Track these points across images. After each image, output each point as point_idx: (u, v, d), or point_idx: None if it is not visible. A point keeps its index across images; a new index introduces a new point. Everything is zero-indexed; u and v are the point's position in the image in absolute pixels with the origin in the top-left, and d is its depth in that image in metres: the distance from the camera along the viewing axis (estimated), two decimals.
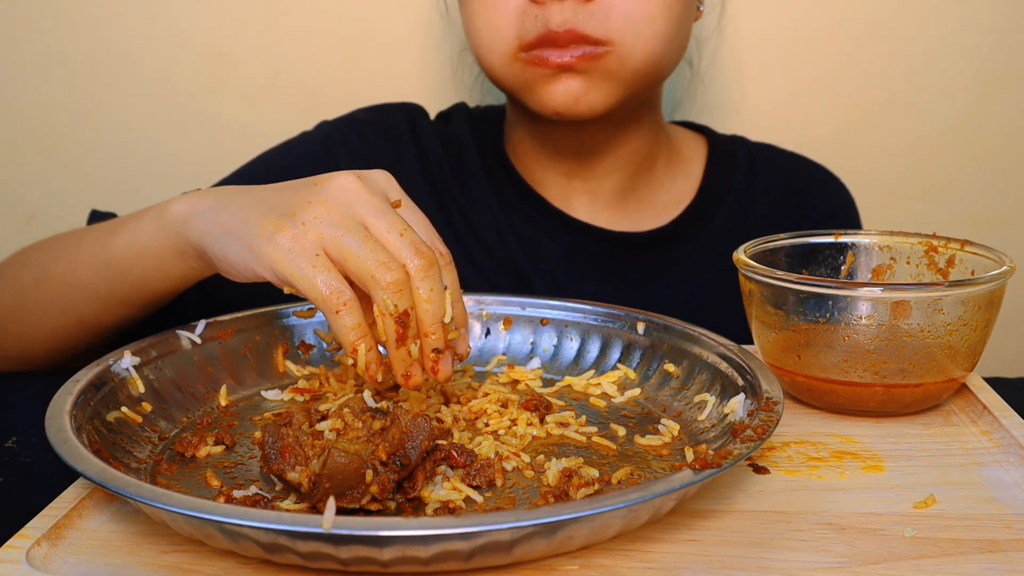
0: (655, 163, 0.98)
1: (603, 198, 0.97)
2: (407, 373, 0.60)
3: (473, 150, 0.99)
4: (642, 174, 0.97)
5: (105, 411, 0.60)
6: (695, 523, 0.53)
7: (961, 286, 0.65)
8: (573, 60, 0.81)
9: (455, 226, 0.96)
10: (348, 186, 0.61)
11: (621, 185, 0.97)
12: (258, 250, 0.59)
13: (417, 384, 0.61)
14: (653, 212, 0.98)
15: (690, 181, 1.00)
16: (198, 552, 0.50)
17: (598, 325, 0.74)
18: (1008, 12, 1.19)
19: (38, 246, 0.81)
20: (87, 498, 0.54)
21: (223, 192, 0.66)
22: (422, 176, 0.97)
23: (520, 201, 0.97)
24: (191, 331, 0.69)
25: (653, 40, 0.83)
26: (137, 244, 0.69)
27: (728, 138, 1.05)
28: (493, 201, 0.97)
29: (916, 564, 0.49)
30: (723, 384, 0.64)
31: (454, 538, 0.44)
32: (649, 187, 0.98)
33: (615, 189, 0.97)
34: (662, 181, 0.99)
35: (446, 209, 0.97)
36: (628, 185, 0.97)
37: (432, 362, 0.60)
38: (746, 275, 0.70)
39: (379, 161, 0.97)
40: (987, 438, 0.64)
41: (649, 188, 0.98)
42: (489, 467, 0.56)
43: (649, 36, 0.83)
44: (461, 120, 1.01)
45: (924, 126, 1.22)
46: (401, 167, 0.97)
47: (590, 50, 0.81)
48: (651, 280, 0.96)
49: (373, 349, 0.59)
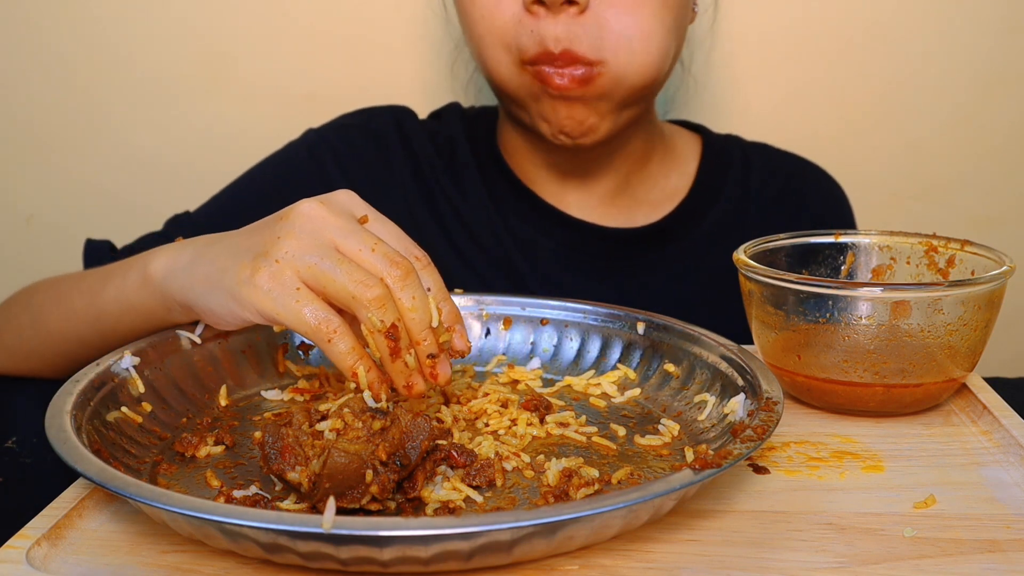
0: (650, 160, 0.98)
1: (597, 195, 0.97)
2: (408, 384, 0.60)
3: (466, 148, 0.98)
4: (637, 172, 0.97)
5: (105, 411, 0.60)
6: (695, 523, 0.53)
7: (961, 286, 0.65)
8: (569, 84, 0.81)
9: (448, 225, 0.96)
10: (312, 213, 0.60)
11: (616, 183, 0.97)
12: (240, 297, 0.60)
13: (420, 392, 0.61)
14: (647, 208, 0.98)
15: (684, 178, 1.00)
16: (198, 552, 0.50)
17: (598, 325, 0.74)
18: (1008, 12, 1.19)
19: (35, 289, 0.84)
20: (87, 498, 0.54)
21: (199, 244, 0.66)
22: (412, 177, 0.97)
23: (514, 199, 0.97)
24: (191, 331, 0.69)
25: (647, 56, 0.83)
26: (125, 300, 0.70)
27: (723, 137, 1.05)
28: (487, 199, 0.97)
29: (916, 564, 0.49)
30: (723, 384, 0.64)
31: (454, 538, 0.44)
32: (644, 184, 0.98)
33: (609, 187, 0.97)
34: (656, 178, 0.99)
35: (438, 209, 0.96)
36: (623, 182, 0.97)
37: (430, 367, 0.60)
38: (746, 275, 0.70)
39: (366, 165, 0.96)
40: (987, 438, 0.64)
41: (643, 185, 0.98)
42: (489, 467, 0.56)
43: (643, 52, 0.82)
44: (454, 119, 1.01)
45: (924, 126, 1.22)
46: (390, 169, 0.97)
47: (585, 71, 0.81)
48: (645, 276, 0.96)
49: (372, 368, 0.59)
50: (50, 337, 0.80)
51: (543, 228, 0.96)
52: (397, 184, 0.97)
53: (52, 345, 0.80)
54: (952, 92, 1.21)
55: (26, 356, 0.83)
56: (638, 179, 0.98)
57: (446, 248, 0.96)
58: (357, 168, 0.96)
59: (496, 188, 0.97)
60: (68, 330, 0.77)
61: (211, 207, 0.95)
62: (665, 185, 0.99)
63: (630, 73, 0.83)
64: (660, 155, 0.99)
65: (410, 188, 0.96)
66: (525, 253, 0.96)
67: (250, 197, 0.95)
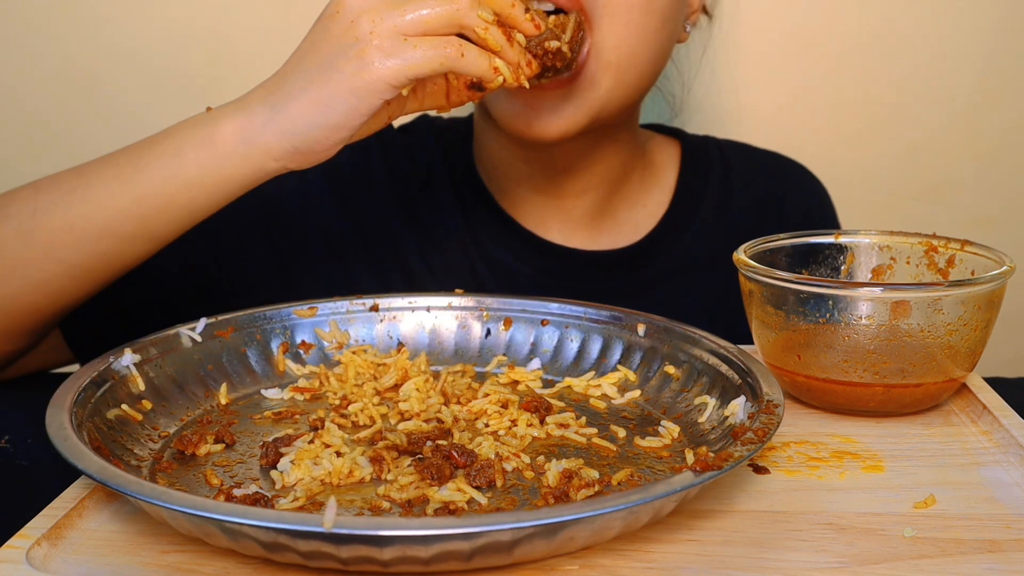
0: (630, 179, 0.96)
1: (577, 218, 0.94)
2: (528, 61, 0.68)
3: (443, 168, 0.95)
4: (617, 191, 0.95)
5: (105, 408, 0.60)
6: (695, 523, 0.53)
7: (961, 286, 0.65)
8: None
9: (422, 245, 0.93)
10: None
11: (597, 204, 0.94)
12: (365, 84, 0.62)
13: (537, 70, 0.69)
14: (629, 229, 0.96)
15: (664, 192, 0.98)
16: (198, 552, 0.50)
17: (598, 326, 0.74)
18: (1008, 12, 1.19)
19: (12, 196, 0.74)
20: (87, 498, 0.54)
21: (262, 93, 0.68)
22: (391, 193, 0.94)
23: (490, 224, 0.94)
24: (192, 329, 0.69)
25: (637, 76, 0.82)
26: (185, 175, 0.68)
27: (700, 140, 1.02)
28: (462, 223, 0.94)
29: (916, 564, 0.49)
30: (723, 386, 0.64)
31: (455, 538, 0.44)
32: (624, 202, 0.96)
33: (590, 208, 0.94)
34: (637, 195, 0.97)
35: (414, 227, 0.93)
36: (603, 202, 0.94)
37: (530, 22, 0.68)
38: (746, 275, 0.70)
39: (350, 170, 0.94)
40: (987, 438, 0.64)
41: (624, 203, 0.96)
42: (489, 467, 0.56)
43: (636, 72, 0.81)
44: (427, 133, 0.98)
45: (924, 126, 1.23)
46: (371, 177, 0.94)
47: None
48: (629, 298, 0.93)
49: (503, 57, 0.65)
50: (53, 242, 0.71)
51: (520, 255, 0.93)
52: (376, 195, 0.94)
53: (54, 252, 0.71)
54: (952, 93, 1.21)
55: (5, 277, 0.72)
56: (619, 198, 0.95)
57: (420, 269, 0.93)
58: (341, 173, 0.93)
59: (472, 212, 0.94)
60: (86, 225, 0.70)
61: None
62: (647, 201, 0.97)
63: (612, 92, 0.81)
64: (640, 172, 0.97)
65: (388, 203, 0.94)
66: (500, 280, 0.93)
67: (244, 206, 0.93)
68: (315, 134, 0.66)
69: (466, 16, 0.63)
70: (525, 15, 0.68)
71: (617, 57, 0.79)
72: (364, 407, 0.65)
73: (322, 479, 0.56)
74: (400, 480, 0.54)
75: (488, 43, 0.65)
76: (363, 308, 0.76)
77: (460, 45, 0.63)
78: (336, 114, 0.64)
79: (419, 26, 0.62)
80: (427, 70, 0.63)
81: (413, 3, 0.63)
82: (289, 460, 0.57)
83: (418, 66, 0.62)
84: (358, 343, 0.75)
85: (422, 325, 0.76)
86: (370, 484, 0.56)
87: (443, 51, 0.62)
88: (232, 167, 0.68)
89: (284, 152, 0.67)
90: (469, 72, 0.65)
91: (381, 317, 0.76)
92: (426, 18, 0.62)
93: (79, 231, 0.71)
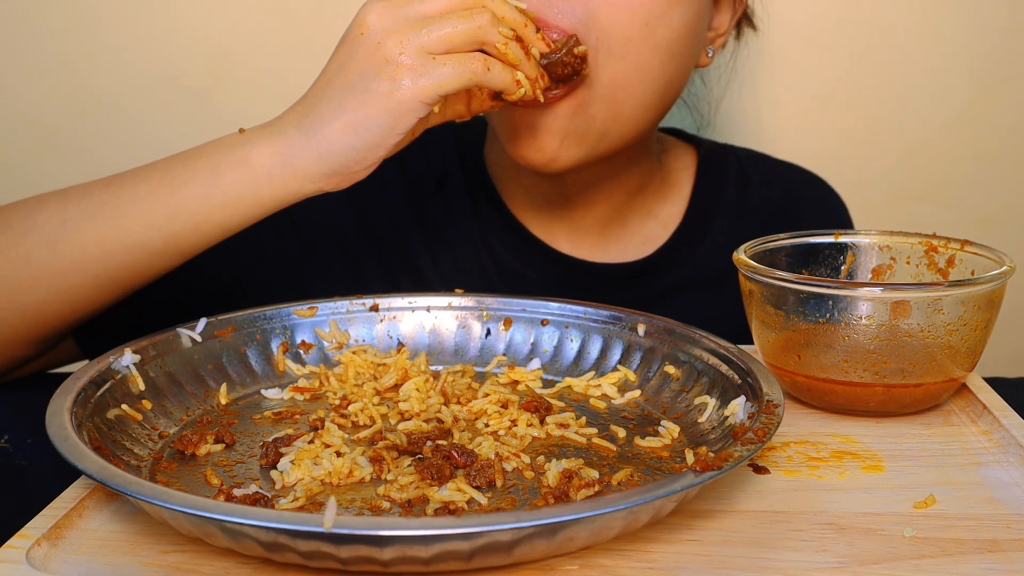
0: (644, 192, 0.94)
1: (586, 228, 0.92)
2: (542, 74, 0.70)
3: (458, 173, 0.95)
4: (629, 203, 0.93)
5: (105, 408, 0.60)
6: (695, 523, 0.53)
7: (961, 286, 0.65)
8: None
9: (433, 245, 0.93)
10: (379, 10, 0.66)
11: (606, 214, 0.92)
12: (399, 105, 0.64)
13: (548, 83, 0.72)
14: (640, 240, 0.94)
15: (678, 203, 0.96)
16: (198, 552, 0.50)
17: (598, 326, 0.74)
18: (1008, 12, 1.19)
19: (41, 205, 0.74)
20: (87, 498, 0.54)
21: (294, 118, 0.69)
22: (403, 193, 0.94)
23: (500, 229, 0.93)
24: (191, 329, 0.69)
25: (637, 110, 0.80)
26: (220, 196, 0.69)
27: (718, 149, 1.00)
28: (475, 227, 0.93)
29: (916, 564, 0.49)
30: (723, 386, 0.64)
31: (455, 538, 0.44)
32: (637, 214, 0.94)
33: (600, 219, 0.92)
34: (651, 207, 0.95)
35: (425, 229, 0.93)
36: (615, 213, 0.93)
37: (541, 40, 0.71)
38: (746, 275, 0.70)
39: None
40: (987, 438, 0.64)
41: (636, 215, 0.94)
42: (489, 467, 0.56)
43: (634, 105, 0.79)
44: (444, 133, 0.94)
45: (924, 127, 1.23)
46: (384, 178, 0.93)
47: None
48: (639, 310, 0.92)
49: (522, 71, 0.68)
50: (81, 254, 0.71)
51: (529, 261, 0.92)
52: (388, 195, 0.93)
53: (79, 265, 0.71)
54: (952, 93, 1.21)
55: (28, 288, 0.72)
56: (630, 209, 0.93)
57: (429, 270, 0.92)
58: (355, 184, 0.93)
59: (484, 215, 0.93)
60: (116, 239, 0.70)
61: None
62: (659, 212, 0.95)
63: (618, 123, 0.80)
64: (656, 184, 0.95)
65: (399, 203, 0.93)
66: (509, 285, 0.92)
67: None
68: (353, 155, 0.67)
69: (488, 33, 0.65)
70: (536, 34, 0.71)
71: (612, 91, 0.78)
72: (364, 407, 0.65)
73: (322, 479, 0.56)
74: (400, 480, 0.55)
75: (508, 57, 0.67)
76: (363, 308, 0.76)
77: (485, 60, 0.65)
78: (372, 135, 0.66)
79: (444, 44, 0.64)
80: (457, 85, 0.65)
81: (436, 22, 0.65)
82: (289, 460, 0.57)
83: (449, 82, 0.64)
84: (358, 343, 0.75)
85: (422, 325, 0.76)
86: (370, 484, 0.56)
87: (470, 67, 0.65)
88: (269, 189, 0.69)
89: (321, 175, 0.68)
90: (495, 85, 0.67)
91: (381, 317, 0.76)
92: (450, 36, 0.64)
93: (109, 245, 0.71)
